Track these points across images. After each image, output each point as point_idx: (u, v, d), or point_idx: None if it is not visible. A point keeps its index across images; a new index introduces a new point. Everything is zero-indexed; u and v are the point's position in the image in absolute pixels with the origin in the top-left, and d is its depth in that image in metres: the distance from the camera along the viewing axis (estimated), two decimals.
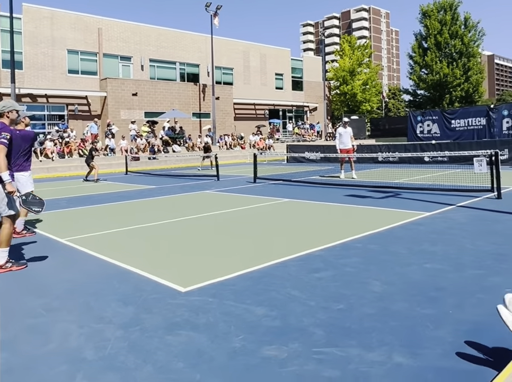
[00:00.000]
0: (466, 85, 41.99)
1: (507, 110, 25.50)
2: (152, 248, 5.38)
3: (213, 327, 3.03)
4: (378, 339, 2.76)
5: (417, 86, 44.92)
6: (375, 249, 4.93)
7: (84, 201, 10.10)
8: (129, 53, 29.98)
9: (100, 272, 4.42)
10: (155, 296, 3.65)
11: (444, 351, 2.58)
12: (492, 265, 4.19)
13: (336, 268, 4.28)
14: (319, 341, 2.76)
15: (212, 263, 4.58)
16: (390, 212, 7.27)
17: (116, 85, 27.84)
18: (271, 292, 3.66)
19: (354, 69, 45.68)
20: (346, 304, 3.35)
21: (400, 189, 10.00)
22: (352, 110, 45.27)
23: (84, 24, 28.07)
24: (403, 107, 64.19)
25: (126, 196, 10.91)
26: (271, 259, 4.59)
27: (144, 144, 25.10)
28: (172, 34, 32.45)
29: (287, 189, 11.22)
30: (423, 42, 44.00)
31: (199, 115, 31.99)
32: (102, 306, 3.47)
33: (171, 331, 2.98)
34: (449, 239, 5.25)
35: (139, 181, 15.20)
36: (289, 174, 15.33)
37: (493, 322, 2.55)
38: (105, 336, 2.94)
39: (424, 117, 29.48)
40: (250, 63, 36.85)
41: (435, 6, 42.94)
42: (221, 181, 13.68)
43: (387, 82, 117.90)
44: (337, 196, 9.34)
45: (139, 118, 28.16)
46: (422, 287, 3.67)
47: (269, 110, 37.54)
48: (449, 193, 9.06)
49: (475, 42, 42.61)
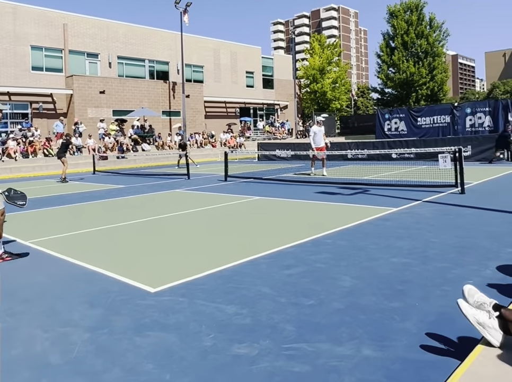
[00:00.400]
0: (431, 84, 43.17)
1: (470, 108, 26.42)
2: (121, 248, 5.28)
3: (184, 326, 3.00)
4: (347, 333, 2.81)
5: (385, 84, 45.83)
6: (344, 244, 5.01)
7: (49, 202, 9.81)
8: (96, 50, 29.27)
9: (66, 274, 4.30)
10: (123, 297, 3.59)
11: (411, 342, 2.65)
12: (455, 258, 4.33)
13: (307, 264, 4.32)
14: (290, 338, 2.78)
15: (183, 263, 4.54)
16: (359, 208, 7.40)
17: (83, 83, 27.13)
18: (241, 290, 3.66)
19: (324, 68, 46.18)
20: (316, 300, 3.39)
21: (369, 186, 10.20)
22: (322, 108, 45.78)
23: (48, 19, 27.18)
24: (371, 105, 65.43)
25: (94, 196, 10.67)
26: (242, 257, 4.59)
27: (113, 142, 24.59)
28: (141, 30, 31.88)
29: (258, 186, 11.25)
30: (390, 41, 44.90)
31: (168, 113, 31.60)
32: (68, 310, 3.38)
33: (140, 332, 2.94)
34: (415, 234, 5.39)
35: (107, 180, 14.89)
36: (260, 172, 15.36)
37: (457, 313, 2.63)
38: (71, 339, 2.87)
39: (391, 115, 30.16)
40: (221, 61, 36.68)
41: (402, 6, 43.90)
42: (192, 180, 13.57)
43: (356, 80, 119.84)
44: (307, 193, 9.43)
45: (107, 116, 27.55)
46: (389, 281, 3.75)
47: (240, 108, 37.50)
48: (415, 189, 9.31)
49: (439, 42, 43.82)
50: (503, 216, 6.22)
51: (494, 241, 4.88)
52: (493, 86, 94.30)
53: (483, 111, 25.69)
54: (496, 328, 2.38)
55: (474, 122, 25.94)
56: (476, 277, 3.73)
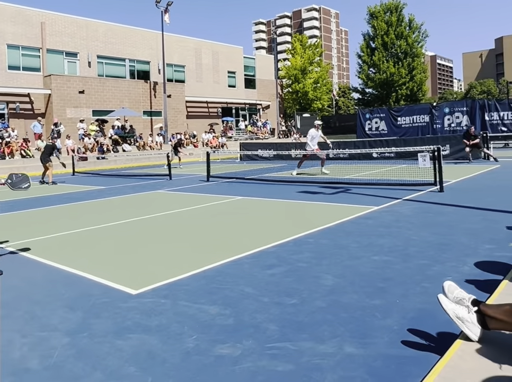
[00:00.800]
0: (411, 84, 43.86)
1: (448, 108, 26.92)
2: (102, 250, 5.21)
3: (166, 328, 2.98)
4: (329, 331, 2.82)
5: (366, 84, 46.37)
6: (326, 243, 5.04)
7: (26, 204, 9.61)
8: (74, 49, 28.78)
9: (45, 278, 4.22)
10: (104, 300, 3.54)
11: (392, 339, 2.69)
12: (435, 255, 4.40)
13: (289, 263, 4.33)
14: (273, 337, 2.78)
15: (165, 264, 4.50)
16: (340, 207, 7.46)
17: (61, 82, 26.65)
18: (224, 290, 3.65)
19: (306, 68, 46.46)
20: (298, 299, 3.40)
21: (350, 185, 10.30)
22: (303, 108, 46.04)
23: (25, 17, 26.61)
24: (352, 105, 66.09)
25: (73, 197, 10.49)
26: (225, 257, 4.58)
27: (93, 143, 24.22)
28: (121, 29, 31.50)
29: (240, 186, 11.24)
30: (371, 42, 45.45)
31: (150, 113, 31.31)
32: (47, 314, 3.32)
33: (121, 335, 2.90)
34: (396, 232, 5.47)
35: (87, 181, 14.67)
36: (242, 172, 15.35)
37: (436, 309, 2.68)
38: (51, 344, 2.81)
39: (372, 115, 30.51)
40: (203, 60, 36.52)
41: (382, 7, 44.47)
42: (174, 180, 13.48)
43: (337, 81, 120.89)
44: (289, 193, 9.47)
45: (86, 117, 27.12)
46: (370, 278, 3.79)
47: (222, 108, 37.41)
48: (395, 187, 9.44)
49: (419, 43, 44.57)
50: (481, 214, 6.36)
51: (472, 238, 4.98)
52: (470, 86, 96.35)
53: (461, 111, 26.21)
54: (474, 323, 2.43)
55: (452, 121, 26.43)
56: (455, 273, 3.80)
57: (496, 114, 25.03)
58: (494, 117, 25.08)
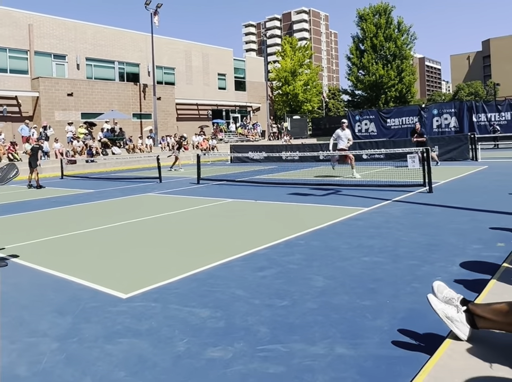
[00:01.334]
0: (400, 86, 44.28)
1: (436, 109, 27.21)
2: (91, 254, 5.16)
3: (157, 332, 2.96)
4: (320, 333, 2.83)
5: (355, 86, 46.71)
6: (317, 245, 5.06)
7: (12, 208, 9.50)
8: (63, 51, 28.57)
9: (33, 283, 4.17)
10: (94, 304, 3.50)
11: (382, 339, 2.70)
12: (424, 255, 4.44)
13: (280, 265, 4.34)
14: (264, 339, 2.78)
15: (156, 267, 4.48)
16: (331, 209, 7.49)
17: (49, 85, 26.43)
18: (215, 293, 3.64)
19: (296, 70, 46.66)
20: (290, 301, 3.40)
21: (341, 186, 10.34)
22: (294, 110, 46.20)
23: (13, 19, 26.34)
24: (342, 107, 66.43)
25: (62, 201, 10.40)
26: (216, 260, 4.57)
27: (82, 146, 24.03)
28: (110, 32, 31.34)
29: (231, 189, 11.23)
30: (360, 44, 45.82)
31: (139, 116, 31.17)
32: (36, 319, 3.28)
33: (111, 339, 2.88)
34: (386, 233, 5.50)
35: (76, 185, 14.54)
36: (233, 174, 15.35)
37: (426, 309, 2.70)
38: (39, 350, 2.78)
39: (362, 116, 30.71)
40: (193, 63, 36.47)
41: (370, 10, 44.88)
42: (164, 183, 13.42)
43: (327, 83, 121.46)
44: (280, 195, 9.48)
45: (75, 119, 26.92)
46: (361, 279, 3.81)
47: (212, 110, 37.38)
48: (385, 189, 9.50)
49: (407, 45, 45.04)
50: (469, 214, 6.43)
51: (460, 238, 5.03)
52: (458, 88, 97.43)
53: (449, 112, 26.50)
54: (463, 322, 2.45)
55: (440, 123, 26.72)
56: (444, 274, 3.83)
57: (483, 115, 25.36)
58: (482, 118, 25.41)
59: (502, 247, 4.53)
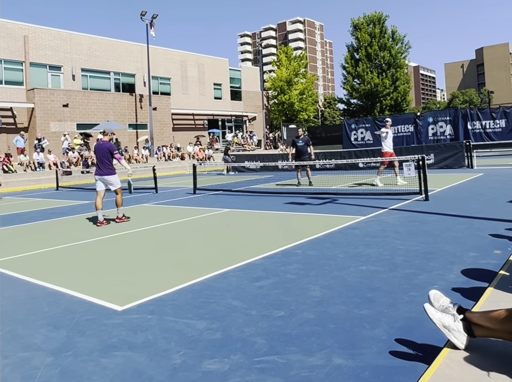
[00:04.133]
0: (395, 94, 44.59)
1: (432, 117, 27.38)
2: (86, 266, 5.12)
3: (152, 344, 2.92)
4: (318, 343, 2.80)
5: (351, 95, 47.01)
6: (314, 254, 5.04)
7: (6, 220, 9.44)
8: (58, 62, 28.65)
9: (27, 296, 4.12)
10: (89, 317, 3.46)
11: (380, 349, 2.68)
12: (421, 264, 4.43)
13: (277, 275, 4.31)
14: (261, 350, 2.75)
15: (151, 279, 4.44)
16: (328, 218, 7.48)
17: (44, 96, 26.45)
18: (211, 304, 3.61)
19: (291, 79, 46.91)
20: (287, 311, 3.38)
21: (337, 195, 10.35)
22: (290, 119, 46.38)
23: (8, 31, 26.44)
24: (338, 115, 66.80)
25: (57, 212, 10.34)
26: (212, 271, 4.54)
27: (77, 157, 23.98)
28: (106, 42, 31.49)
29: (228, 199, 11.22)
30: (355, 53, 46.20)
31: (135, 126, 31.20)
32: (30, 333, 3.23)
33: (107, 353, 2.84)
34: (383, 241, 5.49)
35: (71, 196, 14.49)
36: (229, 184, 15.34)
37: (424, 318, 2.69)
38: (33, 364, 2.74)
39: (357, 125, 30.85)
40: (188, 73, 36.64)
41: (365, 19, 45.34)
42: (160, 194, 13.39)
43: (323, 92, 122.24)
44: (277, 204, 9.47)
45: (70, 130, 26.91)
46: (358, 289, 3.79)
47: (208, 120, 37.49)
48: (381, 197, 9.51)
49: (402, 54, 45.45)
50: (466, 221, 6.43)
51: (457, 246, 5.03)
52: (453, 96, 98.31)
53: (444, 120, 26.66)
54: (461, 331, 2.44)
55: (436, 131, 26.87)
56: (442, 282, 3.82)
57: (478, 123, 25.53)
58: (477, 126, 25.58)
59: (499, 255, 4.52)
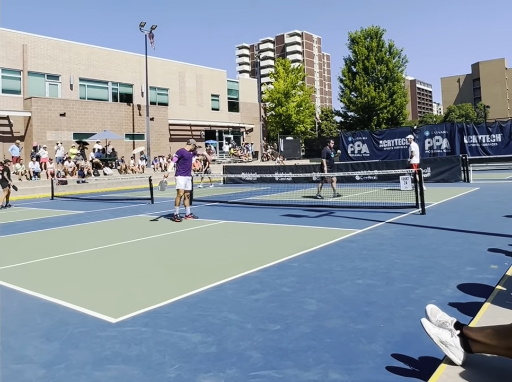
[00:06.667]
0: (392, 108, 44.94)
1: (428, 131, 27.59)
2: (80, 277, 5.07)
3: (147, 358, 2.88)
4: (314, 358, 2.78)
5: (348, 108, 47.33)
6: (310, 267, 5.01)
7: (2, 230, 9.36)
8: (56, 71, 28.74)
9: (20, 307, 4.07)
10: (82, 329, 3.42)
11: (377, 364, 2.65)
12: (418, 278, 4.41)
13: (273, 288, 4.28)
14: (256, 365, 2.72)
15: (146, 291, 4.40)
16: (324, 230, 7.47)
17: (42, 105, 26.46)
18: (207, 317, 3.57)
19: (289, 91, 47.26)
20: (283, 325, 3.35)
21: (334, 208, 10.35)
22: (287, 131, 46.60)
23: (6, 39, 26.54)
24: (335, 128, 67.17)
25: (51, 222, 10.27)
26: (207, 283, 4.51)
27: (73, 166, 23.90)
28: (104, 52, 31.66)
29: (223, 210, 11.19)
30: (352, 66, 46.63)
31: (132, 136, 31.23)
32: (22, 345, 3.18)
33: (100, 366, 2.79)
34: (379, 255, 5.48)
35: (66, 206, 14.42)
36: (226, 195, 15.33)
37: (421, 333, 2.67)
38: (25, 376, 2.69)
39: (354, 138, 31.05)
40: (186, 84, 36.83)
41: (362, 33, 45.87)
42: (156, 204, 13.34)
43: (320, 104, 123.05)
44: (273, 216, 9.46)
45: (67, 139, 26.89)
46: (354, 302, 3.77)
47: (205, 131, 37.59)
48: (378, 210, 9.52)
49: (399, 68, 45.91)
50: (462, 236, 6.44)
51: (454, 260, 5.02)
52: (449, 110, 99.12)
53: (441, 134, 26.88)
54: (458, 346, 2.42)
55: (432, 144, 27.05)
56: (438, 296, 3.81)
57: (474, 137, 25.74)
58: (473, 140, 25.78)
59: (496, 269, 4.52)
